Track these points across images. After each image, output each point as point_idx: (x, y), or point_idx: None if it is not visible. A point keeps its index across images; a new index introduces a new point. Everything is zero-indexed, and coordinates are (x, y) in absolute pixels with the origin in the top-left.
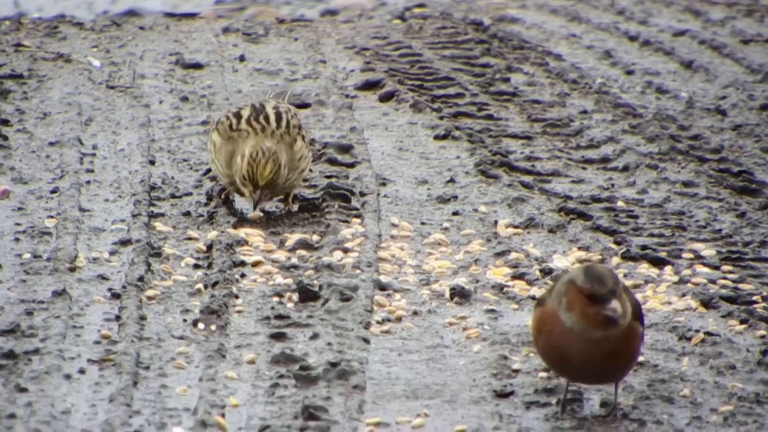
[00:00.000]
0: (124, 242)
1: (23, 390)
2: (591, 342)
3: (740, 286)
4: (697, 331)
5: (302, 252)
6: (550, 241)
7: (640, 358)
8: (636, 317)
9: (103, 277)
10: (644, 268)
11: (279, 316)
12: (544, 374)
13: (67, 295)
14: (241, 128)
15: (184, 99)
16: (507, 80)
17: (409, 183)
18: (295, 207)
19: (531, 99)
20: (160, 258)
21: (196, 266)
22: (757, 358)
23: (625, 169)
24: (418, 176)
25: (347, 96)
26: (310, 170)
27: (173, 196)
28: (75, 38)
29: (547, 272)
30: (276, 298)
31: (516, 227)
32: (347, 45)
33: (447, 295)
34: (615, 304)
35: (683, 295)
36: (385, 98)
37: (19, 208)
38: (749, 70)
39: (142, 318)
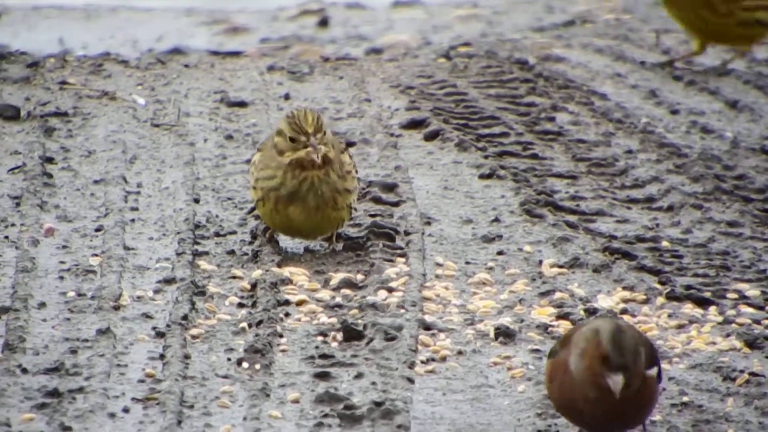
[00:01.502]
0: (169, 281)
1: (67, 429)
2: (592, 399)
3: None
4: (741, 371)
5: (347, 291)
6: (594, 280)
7: (685, 398)
8: (650, 362)
9: (147, 316)
10: (689, 308)
11: (323, 356)
12: None
13: (112, 334)
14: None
15: (229, 137)
16: (552, 119)
17: (454, 222)
18: (340, 246)
19: (576, 138)
20: (204, 297)
21: (241, 305)
22: None
23: (670, 208)
24: (462, 215)
25: (392, 135)
26: (355, 209)
27: (218, 234)
28: (120, 76)
29: (591, 312)
30: (320, 338)
31: (561, 267)
32: (392, 84)
33: (492, 334)
34: (619, 378)
35: (728, 335)
36: (430, 137)
37: (64, 246)
38: None
39: (187, 357)
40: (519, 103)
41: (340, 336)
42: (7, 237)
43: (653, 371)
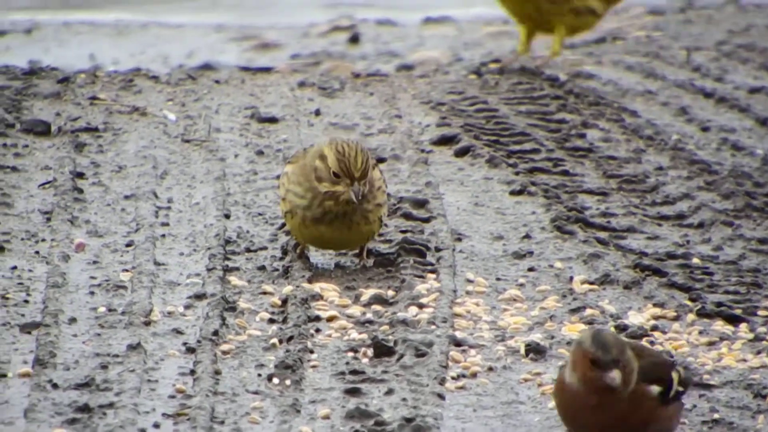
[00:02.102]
0: (199, 296)
1: None
2: (594, 406)
3: None
4: None
5: (377, 307)
6: (625, 297)
7: (716, 416)
8: (648, 380)
9: (177, 331)
10: (719, 325)
11: (354, 372)
12: None
13: (142, 349)
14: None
15: (260, 153)
16: (583, 136)
17: (485, 238)
18: (370, 262)
19: (606, 155)
20: (234, 312)
21: (271, 321)
22: None
23: (701, 225)
24: (493, 232)
25: (423, 151)
26: (386, 224)
27: (248, 250)
28: (150, 91)
29: (622, 329)
30: (351, 354)
31: (591, 283)
32: (423, 100)
33: (522, 351)
34: (615, 373)
35: (758, 352)
36: (461, 153)
37: (94, 262)
38: None
39: (217, 372)
40: (550, 119)
41: (370, 352)
42: (37, 252)
43: (654, 388)
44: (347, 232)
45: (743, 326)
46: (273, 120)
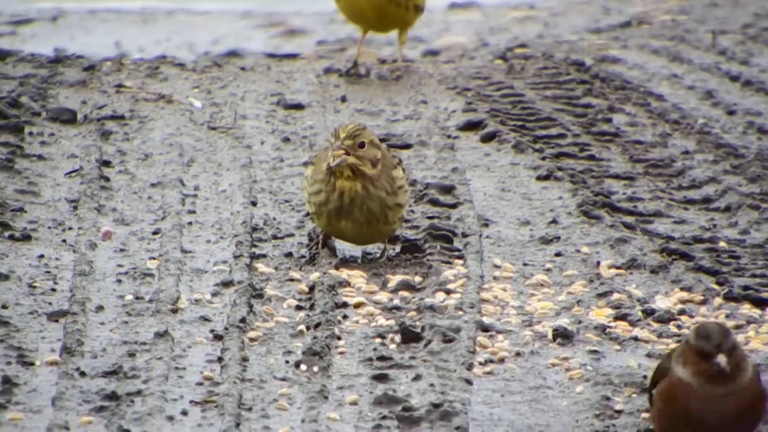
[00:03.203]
0: (226, 283)
1: None
2: (718, 399)
3: None
4: None
5: (404, 293)
6: (652, 281)
7: None
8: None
9: (205, 319)
10: (746, 309)
11: (381, 358)
12: (646, 415)
13: (170, 337)
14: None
15: (286, 140)
16: (609, 121)
17: (512, 224)
18: (397, 249)
19: (633, 139)
20: (262, 299)
21: (299, 307)
22: None
23: (727, 209)
24: (520, 217)
25: (449, 136)
26: (412, 210)
27: (275, 237)
28: (176, 79)
29: (649, 313)
30: (378, 340)
31: (618, 268)
32: (449, 85)
33: (550, 336)
34: (721, 357)
35: None
36: (487, 139)
37: (121, 250)
38: None
39: (245, 359)
40: (576, 104)
41: (398, 338)
42: (64, 241)
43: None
44: (368, 230)
45: None
46: (299, 107)
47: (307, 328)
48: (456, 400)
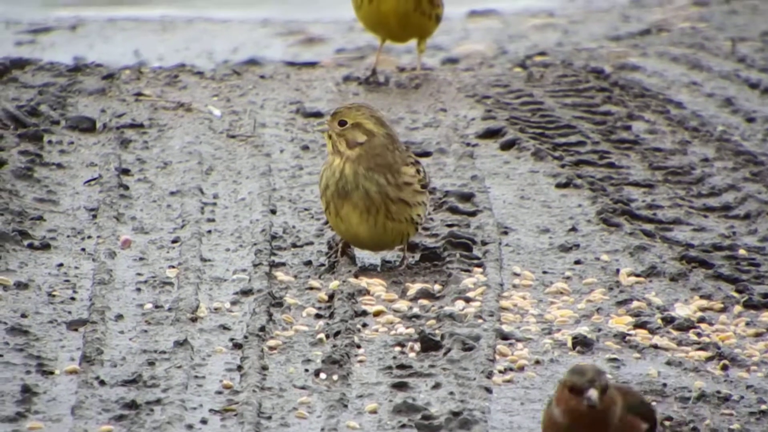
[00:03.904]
0: (246, 292)
1: None
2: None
3: None
4: None
5: (424, 301)
6: (671, 289)
7: (763, 407)
8: (635, 413)
9: (224, 327)
10: (766, 317)
11: (401, 366)
12: (667, 423)
13: (189, 345)
14: None
15: (305, 148)
16: (628, 128)
17: (531, 232)
18: (416, 257)
19: (652, 147)
20: (281, 308)
21: (318, 316)
22: None
23: (747, 216)
24: (539, 225)
25: (468, 144)
26: (431, 218)
27: (294, 245)
28: (195, 87)
29: (669, 321)
30: (398, 348)
31: (638, 276)
32: (468, 93)
33: (569, 344)
34: (592, 392)
35: None
36: (507, 146)
37: (141, 258)
38: None
39: (264, 368)
40: (595, 111)
41: (417, 346)
42: (84, 249)
43: (642, 423)
44: (371, 222)
45: None
46: (318, 115)
47: (327, 336)
48: (476, 408)
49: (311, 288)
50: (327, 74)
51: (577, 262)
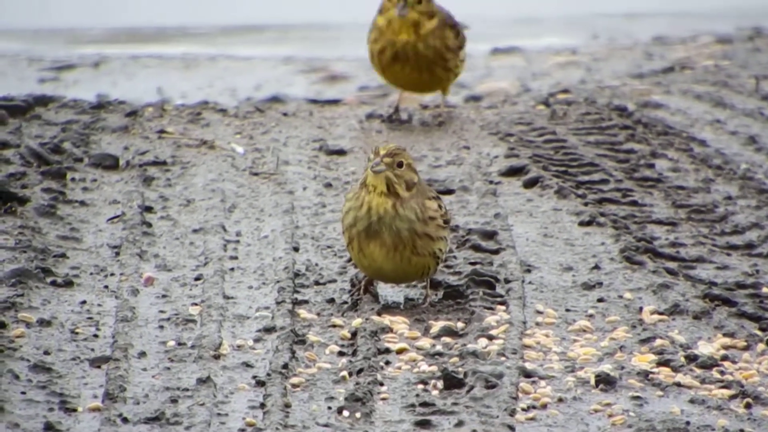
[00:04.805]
0: (269, 329)
1: None
2: None
3: None
4: None
5: (447, 339)
6: (695, 327)
7: None
8: None
9: (247, 365)
10: None
11: (424, 404)
12: None
13: (212, 383)
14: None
15: (328, 185)
16: (651, 166)
17: (554, 269)
18: (440, 294)
19: (675, 185)
20: (304, 345)
21: (341, 353)
22: None
23: None
24: (563, 263)
25: (491, 182)
26: (454, 256)
27: (317, 283)
28: (218, 125)
29: (692, 359)
30: (421, 386)
31: (661, 314)
32: (491, 131)
33: (592, 381)
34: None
35: None
36: (530, 184)
37: (164, 296)
38: None
39: (287, 405)
40: (618, 149)
41: (440, 384)
42: (107, 287)
43: None
44: (396, 257)
45: None
46: (341, 152)
47: (350, 374)
48: None
49: (334, 325)
50: (350, 112)
51: (600, 300)
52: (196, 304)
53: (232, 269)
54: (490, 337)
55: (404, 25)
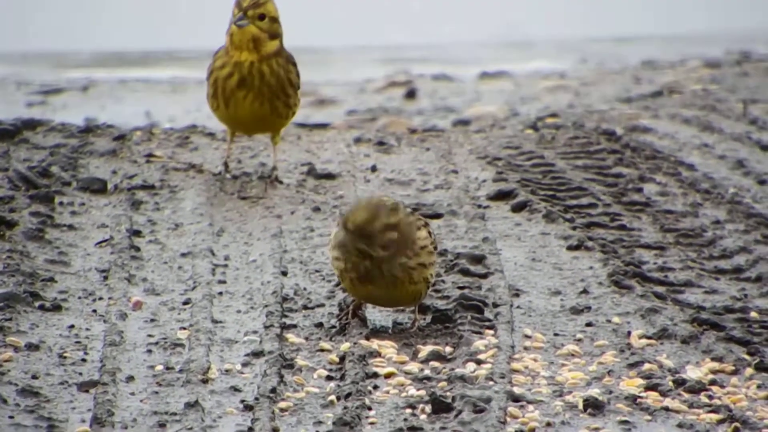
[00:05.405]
0: (257, 354)
1: None
2: None
3: None
4: None
5: (435, 363)
6: (683, 351)
7: None
8: None
9: (235, 389)
10: None
11: (412, 428)
12: None
13: (200, 407)
14: None
15: (316, 209)
16: (639, 190)
17: (542, 294)
18: (428, 319)
19: (663, 209)
20: (292, 369)
21: (329, 378)
22: None
23: (758, 279)
24: (551, 287)
25: (479, 206)
26: (442, 280)
27: (305, 307)
28: (206, 148)
29: (680, 383)
30: (409, 410)
31: (649, 338)
32: (479, 155)
33: (580, 406)
34: None
35: None
36: (518, 208)
37: (152, 320)
38: None
39: (275, 430)
40: (606, 173)
41: (428, 408)
42: (95, 311)
43: None
44: (395, 291)
45: None
46: (330, 176)
47: (338, 398)
48: None
49: (322, 350)
50: (338, 136)
51: (589, 324)
52: (184, 328)
53: (220, 293)
54: (479, 362)
55: (244, 39)
